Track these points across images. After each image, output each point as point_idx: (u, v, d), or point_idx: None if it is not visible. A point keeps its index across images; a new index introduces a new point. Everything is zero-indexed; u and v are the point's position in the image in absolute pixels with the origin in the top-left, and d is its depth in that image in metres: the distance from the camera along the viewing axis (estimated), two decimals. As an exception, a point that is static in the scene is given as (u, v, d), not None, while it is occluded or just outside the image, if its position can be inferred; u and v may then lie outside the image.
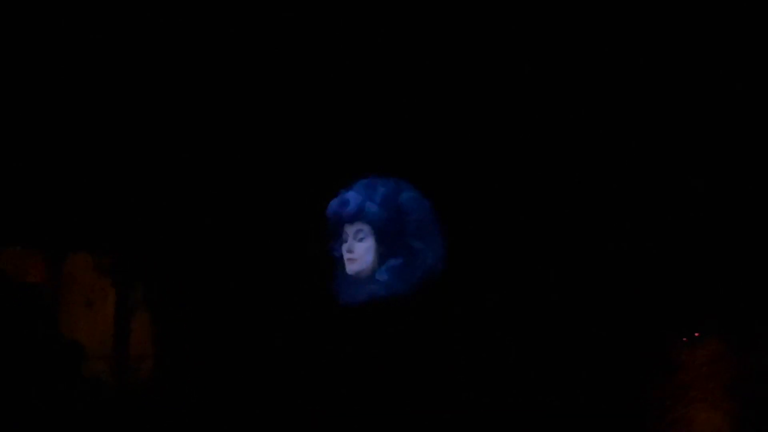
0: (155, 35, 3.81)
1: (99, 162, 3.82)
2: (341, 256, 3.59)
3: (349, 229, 3.57)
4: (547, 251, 3.63)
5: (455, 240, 3.55)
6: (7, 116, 3.78)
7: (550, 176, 3.72)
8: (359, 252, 3.57)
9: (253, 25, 3.81)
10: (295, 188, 3.81)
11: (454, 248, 3.54)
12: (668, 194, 3.69)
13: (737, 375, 3.44)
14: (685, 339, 3.50)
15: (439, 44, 3.78)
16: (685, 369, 3.48)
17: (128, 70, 3.82)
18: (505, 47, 3.76)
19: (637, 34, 3.69)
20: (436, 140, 3.78)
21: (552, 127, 3.74)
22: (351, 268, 3.57)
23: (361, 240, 3.57)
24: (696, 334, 3.50)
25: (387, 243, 3.55)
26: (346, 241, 3.58)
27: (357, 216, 3.55)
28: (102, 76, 3.81)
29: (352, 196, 3.56)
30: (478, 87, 3.78)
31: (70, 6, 3.78)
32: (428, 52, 3.79)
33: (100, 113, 3.82)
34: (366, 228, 3.56)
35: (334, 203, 3.58)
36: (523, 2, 3.73)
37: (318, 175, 3.75)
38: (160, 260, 3.85)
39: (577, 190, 3.70)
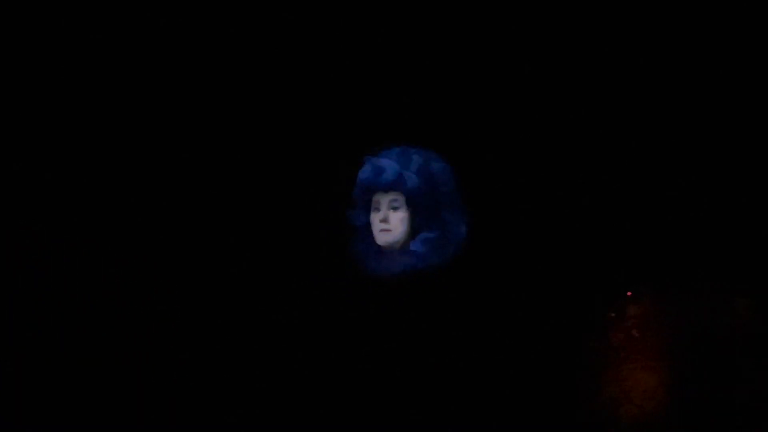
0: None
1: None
2: (363, 226, 3.50)
3: (383, 199, 3.46)
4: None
5: (479, 213, 3.50)
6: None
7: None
8: (394, 222, 3.46)
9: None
10: (312, 156, 3.79)
11: (478, 222, 3.49)
12: (603, 147, 3.66)
13: (670, 335, 3.34)
14: (629, 293, 3.41)
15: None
16: (616, 329, 3.39)
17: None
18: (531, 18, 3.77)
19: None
20: (455, 110, 3.77)
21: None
22: (384, 239, 3.46)
23: (395, 210, 3.46)
24: (629, 294, 3.41)
25: (422, 214, 3.44)
26: (378, 210, 3.47)
27: (394, 185, 3.44)
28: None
29: (389, 164, 3.46)
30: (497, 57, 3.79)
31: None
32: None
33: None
34: (401, 198, 3.45)
35: (367, 170, 3.46)
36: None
37: (336, 142, 3.74)
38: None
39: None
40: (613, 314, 3.40)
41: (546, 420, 3.39)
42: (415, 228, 3.45)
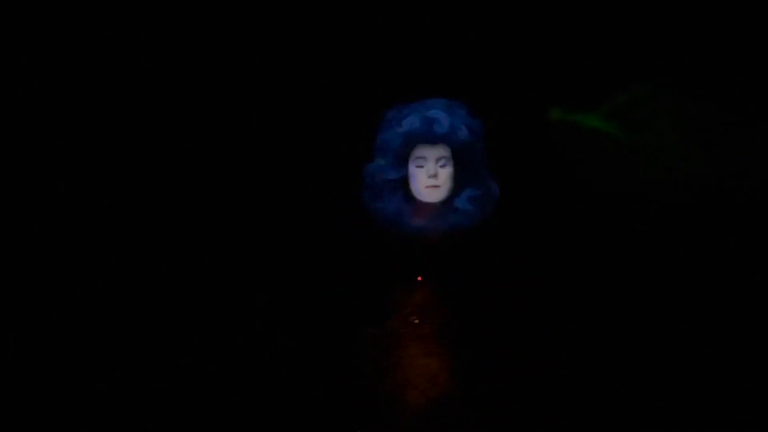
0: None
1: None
2: (396, 180, 3.33)
3: (429, 152, 3.29)
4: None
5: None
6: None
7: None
8: (442, 178, 3.30)
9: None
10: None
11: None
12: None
13: (445, 322, 3.35)
14: (420, 278, 3.39)
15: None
16: (394, 317, 3.38)
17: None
18: None
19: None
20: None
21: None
22: (432, 195, 3.30)
23: (443, 166, 3.30)
24: (419, 278, 3.40)
25: (466, 170, 3.31)
26: (422, 165, 3.29)
27: (445, 138, 3.28)
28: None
29: (441, 115, 3.28)
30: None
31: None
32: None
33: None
34: (448, 152, 3.30)
35: (414, 120, 3.29)
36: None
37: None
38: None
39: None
40: (392, 301, 3.39)
41: (333, 406, 3.40)
42: (458, 184, 3.32)
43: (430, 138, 3.27)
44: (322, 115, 3.68)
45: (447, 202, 3.32)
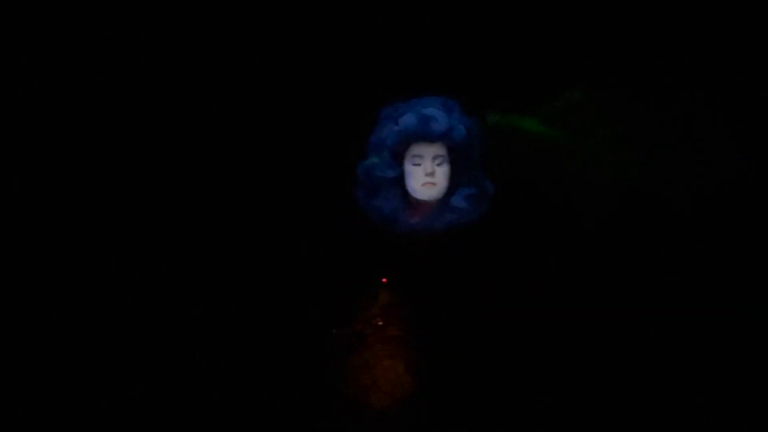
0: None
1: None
2: (392, 179, 3.30)
3: (426, 150, 3.27)
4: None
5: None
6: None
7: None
8: (439, 176, 3.29)
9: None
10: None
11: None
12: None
13: (409, 325, 3.39)
14: (384, 280, 3.43)
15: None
16: (358, 318, 3.40)
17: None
18: None
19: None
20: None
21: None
22: (428, 193, 3.29)
23: (439, 164, 3.29)
24: (384, 280, 3.42)
25: (462, 168, 3.30)
26: (419, 163, 3.27)
27: (442, 136, 3.27)
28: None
29: (438, 113, 3.27)
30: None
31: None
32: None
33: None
34: (444, 151, 3.28)
35: (412, 119, 3.27)
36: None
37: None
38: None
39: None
40: (357, 303, 3.41)
41: (297, 407, 3.42)
42: (454, 183, 3.31)
43: (427, 136, 3.28)
44: (312, 113, 3.67)
45: (442, 201, 3.34)
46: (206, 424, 3.43)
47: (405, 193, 3.36)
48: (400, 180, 3.34)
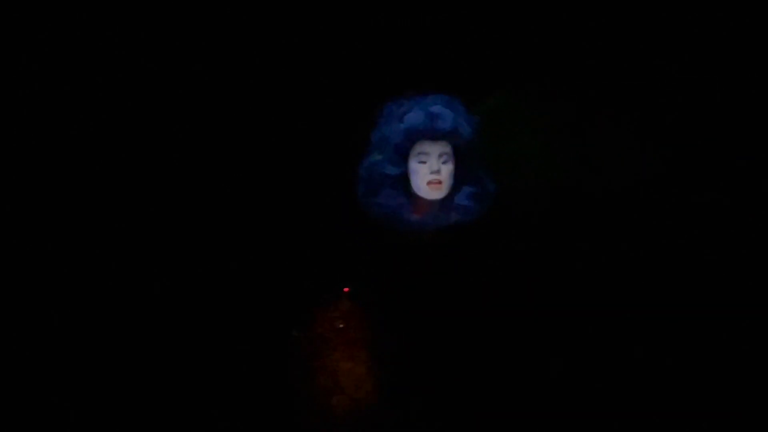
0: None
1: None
2: (396, 176, 3.28)
3: (432, 148, 3.25)
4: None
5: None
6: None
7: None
8: (444, 175, 3.26)
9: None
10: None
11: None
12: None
13: (369, 331, 3.40)
14: (346, 289, 3.44)
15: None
16: (321, 322, 3.42)
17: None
18: None
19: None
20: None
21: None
22: (434, 191, 3.27)
23: (445, 162, 3.26)
24: (345, 290, 3.46)
25: (466, 167, 3.28)
26: (424, 161, 3.25)
27: (449, 134, 3.24)
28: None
29: (444, 111, 3.24)
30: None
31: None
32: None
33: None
34: (449, 149, 3.26)
35: (418, 116, 3.24)
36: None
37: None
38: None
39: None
40: (318, 306, 3.43)
41: (258, 408, 3.47)
42: (456, 180, 3.29)
43: (434, 134, 3.26)
44: (311, 112, 3.70)
45: (445, 199, 3.33)
46: (164, 425, 3.49)
47: (407, 191, 3.34)
48: (402, 177, 3.33)
